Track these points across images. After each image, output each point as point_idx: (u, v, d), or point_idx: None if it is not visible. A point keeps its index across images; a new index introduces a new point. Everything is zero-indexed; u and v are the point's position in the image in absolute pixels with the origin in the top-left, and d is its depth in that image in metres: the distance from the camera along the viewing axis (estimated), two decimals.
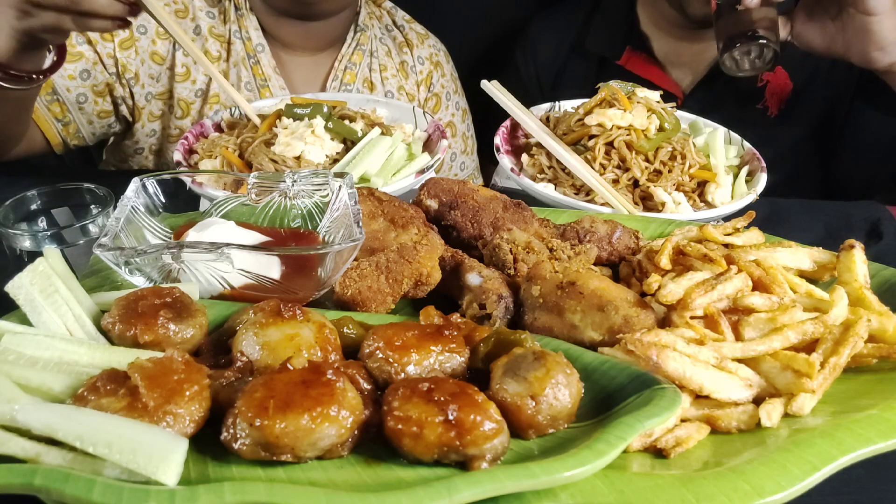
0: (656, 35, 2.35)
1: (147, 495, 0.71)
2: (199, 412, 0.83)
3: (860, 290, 1.09)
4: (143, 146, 2.16)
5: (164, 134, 2.15)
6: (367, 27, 2.25)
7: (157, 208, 1.25)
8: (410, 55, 2.31)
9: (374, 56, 2.26)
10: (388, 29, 2.34)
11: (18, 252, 1.34)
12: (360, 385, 0.89)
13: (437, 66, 2.35)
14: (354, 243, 1.07)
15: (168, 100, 2.10)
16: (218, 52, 2.10)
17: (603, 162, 1.66)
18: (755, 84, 2.29)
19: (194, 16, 2.09)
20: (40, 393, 0.84)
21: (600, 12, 2.43)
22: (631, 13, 2.38)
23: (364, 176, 1.59)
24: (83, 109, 2.03)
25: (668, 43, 2.34)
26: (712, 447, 0.91)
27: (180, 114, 2.10)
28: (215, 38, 2.10)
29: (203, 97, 2.10)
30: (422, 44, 2.34)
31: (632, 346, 0.94)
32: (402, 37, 2.33)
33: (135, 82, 2.06)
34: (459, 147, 2.40)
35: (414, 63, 2.31)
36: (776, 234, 1.32)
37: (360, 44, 2.23)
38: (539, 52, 2.52)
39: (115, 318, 0.96)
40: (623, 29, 2.37)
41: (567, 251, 1.21)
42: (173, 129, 2.12)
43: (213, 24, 2.10)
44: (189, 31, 2.07)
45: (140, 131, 2.13)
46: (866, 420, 0.89)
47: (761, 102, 2.30)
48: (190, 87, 2.08)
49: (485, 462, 0.80)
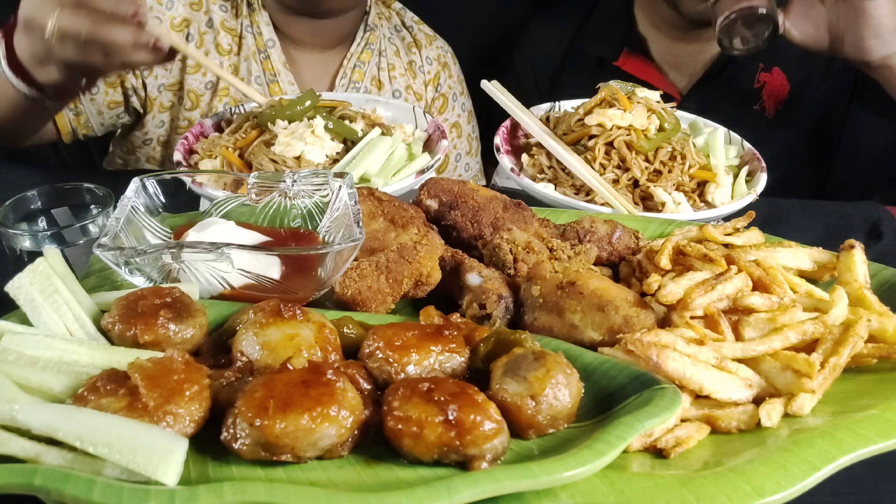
0: (653, 36, 2.36)
1: (147, 495, 0.71)
2: (199, 412, 0.83)
3: (860, 290, 1.08)
4: (151, 137, 2.18)
5: (173, 125, 2.17)
6: (377, 26, 2.27)
7: (157, 208, 1.25)
8: (419, 55, 2.33)
9: (383, 55, 2.28)
10: (396, 29, 2.36)
11: (18, 252, 1.34)
12: (360, 385, 0.89)
13: (444, 67, 2.36)
14: (354, 243, 1.07)
15: (178, 91, 2.12)
16: (229, 45, 2.12)
17: (603, 162, 1.66)
18: (752, 85, 2.28)
19: (207, 9, 2.11)
20: (40, 393, 0.84)
21: (598, 14, 2.44)
22: (628, 14, 2.38)
23: (364, 176, 1.59)
24: (94, 100, 2.07)
25: (665, 44, 2.35)
26: (712, 447, 0.91)
27: (190, 105, 2.12)
28: (227, 32, 2.12)
29: (213, 89, 2.12)
30: (430, 45, 2.36)
31: (632, 346, 0.94)
32: (410, 37, 2.35)
33: (148, 73, 2.09)
34: (464, 148, 2.41)
35: (422, 63, 2.33)
36: (776, 234, 1.32)
37: (370, 43, 2.25)
38: (537, 54, 2.52)
39: (115, 318, 0.96)
40: (620, 30, 2.37)
41: (567, 251, 1.21)
42: (182, 120, 2.14)
43: (226, 18, 2.12)
44: (202, 24, 2.11)
45: (150, 122, 2.15)
46: (866, 420, 0.89)
47: (758, 104, 2.30)
48: (201, 80, 2.11)
49: (485, 462, 0.80)
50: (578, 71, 2.44)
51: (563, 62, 2.48)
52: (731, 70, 2.28)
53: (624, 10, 2.38)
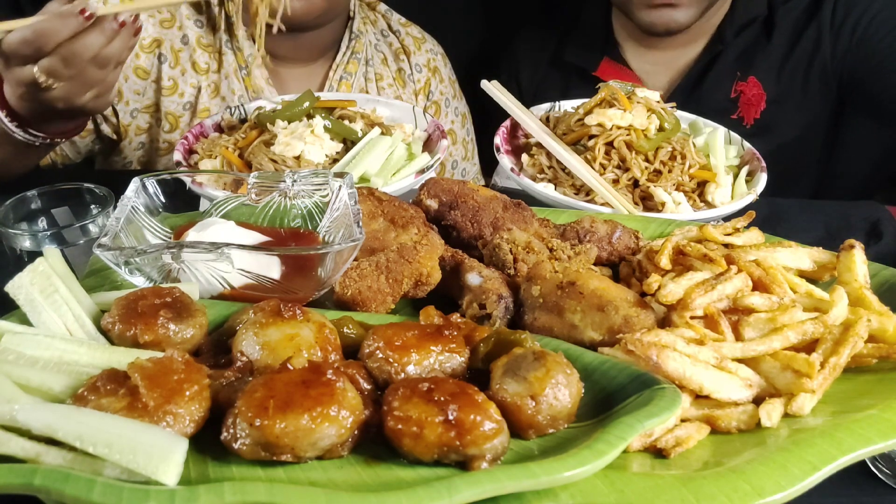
0: (628, 45, 2.37)
1: (147, 495, 0.71)
2: (199, 412, 0.83)
3: (860, 290, 1.08)
4: (131, 160, 2.10)
5: (153, 147, 2.09)
6: (362, 33, 2.20)
7: (157, 208, 1.25)
8: (407, 62, 2.27)
9: (370, 65, 2.21)
10: (383, 34, 2.29)
11: (18, 252, 1.34)
12: (360, 385, 0.89)
13: (434, 73, 2.30)
14: (354, 243, 1.07)
15: (155, 113, 2.04)
16: (206, 63, 2.04)
17: (603, 162, 1.66)
18: (728, 95, 2.28)
19: (181, 24, 2.03)
20: (40, 393, 0.84)
21: (580, 24, 2.44)
22: (607, 24, 2.38)
23: (364, 176, 1.59)
24: None
25: (640, 52, 2.35)
26: (712, 447, 0.91)
27: (168, 127, 2.05)
28: (203, 49, 2.04)
29: (192, 110, 2.05)
30: (419, 49, 2.29)
31: (632, 346, 0.94)
32: (398, 42, 2.28)
33: (118, 100, 2.00)
34: (460, 154, 2.37)
35: (411, 71, 2.27)
36: (776, 234, 1.32)
37: (356, 52, 2.18)
38: (522, 66, 2.53)
39: (115, 318, 0.96)
40: (600, 39, 2.38)
41: (567, 251, 1.21)
42: (162, 142, 2.07)
43: (202, 34, 2.04)
44: (176, 42, 2.02)
45: (127, 147, 2.07)
46: (866, 420, 0.89)
47: (735, 113, 2.29)
48: (178, 101, 2.03)
49: (485, 462, 0.80)
50: (559, 81, 2.44)
51: (545, 73, 2.49)
52: (708, 79, 2.28)
53: (604, 19, 2.38)
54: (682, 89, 2.30)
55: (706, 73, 2.28)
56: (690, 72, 2.30)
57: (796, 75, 2.23)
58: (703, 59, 2.28)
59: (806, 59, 2.21)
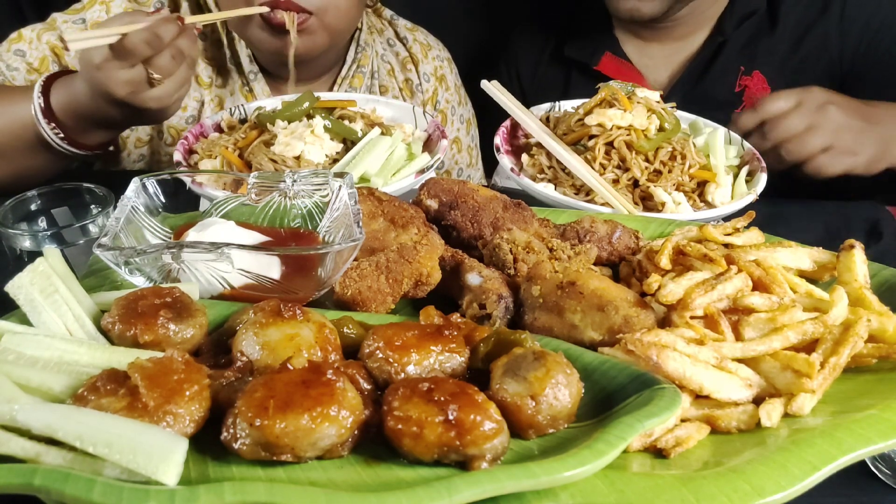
0: (626, 38, 2.35)
1: (147, 495, 0.71)
2: (199, 412, 0.83)
3: (860, 290, 1.08)
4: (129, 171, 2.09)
5: (154, 159, 2.08)
6: (369, 44, 2.17)
7: (157, 208, 1.25)
8: (415, 72, 2.23)
9: (375, 77, 2.18)
10: (390, 44, 2.26)
11: (18, 252, 1.34)
12: (360, 385, 0.89)
13: (441, 81, 2.27)
14: (354, 243, 1.07)
15: (156, 125, 2.03)
16: (210, 77, 2.03)
17: (603, 162, 1.66)
18: (733, 89, 2.27)
19: None
20: (40, 393, 0.84)
21: (578, 19, 2.43)
22: (607, 17, 2.36)
23: (364, 176, 1.59)
24: None
25: (638, 45, 2.34)
26: (712, 447, 0.91)
27: (170, 141, 2.04)
28: (207, 63, 2.03)
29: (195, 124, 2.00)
30: (426, 57, 2.26)
31: (632, 346, 0.94)
32: (405, 52, 2.25)
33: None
34: (465, 161, 2.34)
35: (419, 81, 2.23)
36: (776, 234, 1.32)
37: (361, 65, 2.15)
38: (521, 63, 2.52)
39: (115, 318, 0.96)
40: (600, 34, 2.36)
41: (567, 251, 1.21)
42: (164, 155, 2.06)
43: (205, 47, 2.03)
44: None
45: (126, 159, 2.06)
46: (866, 420, 0.89)
47: (740, 107, 2.28)
48: (180, 115, 2.01)
49: (485, 462, 0.80)
50: (560, 77, 2.43)
51: (546, 69, 2.47)
52: (711, 73, 2.27)
53: (603, 13, 2.36)
54: (684, 83, 2.29)
55: (709, 67, 2.27)
56: (692, 65, 2.28)
57: (802, 73, 2.22)
58: (704, 52, 2.27)
59: (812, 57, 2.19)
